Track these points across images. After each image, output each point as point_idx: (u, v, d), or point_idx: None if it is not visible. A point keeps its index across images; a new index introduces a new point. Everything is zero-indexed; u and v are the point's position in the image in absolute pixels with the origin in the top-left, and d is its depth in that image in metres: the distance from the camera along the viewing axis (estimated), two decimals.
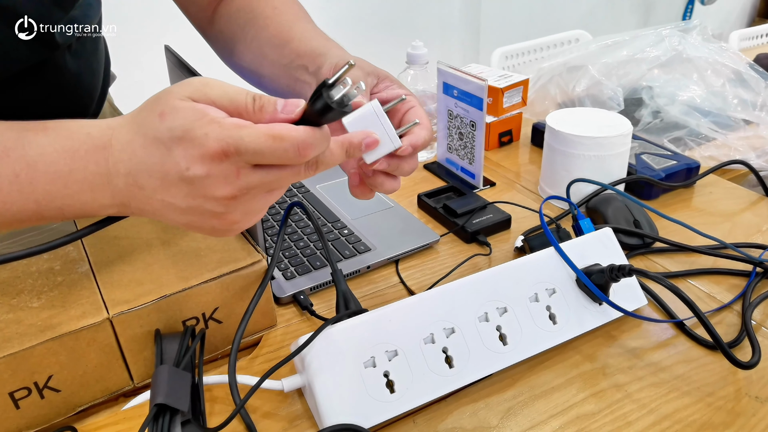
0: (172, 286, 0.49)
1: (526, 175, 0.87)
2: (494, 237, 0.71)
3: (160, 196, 0.39)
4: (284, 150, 0.37)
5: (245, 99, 0.38)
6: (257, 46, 0.61)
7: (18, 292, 0.49)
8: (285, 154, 0.37)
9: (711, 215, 0.75)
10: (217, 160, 0.36)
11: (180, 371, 0.44)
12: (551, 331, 0.53)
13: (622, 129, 0.73)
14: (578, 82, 0.99)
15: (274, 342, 0.56)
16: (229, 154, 0.36)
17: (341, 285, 0.52)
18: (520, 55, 1.66)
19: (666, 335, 0.56)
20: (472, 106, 0.79)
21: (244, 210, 0.40)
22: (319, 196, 0.80)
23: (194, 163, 0.37)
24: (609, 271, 0.53)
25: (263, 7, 0.63)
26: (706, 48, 1.01)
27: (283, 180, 0.39)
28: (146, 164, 0.38)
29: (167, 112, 0.37)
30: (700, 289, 0.62)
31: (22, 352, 0.43)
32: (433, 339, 0.48)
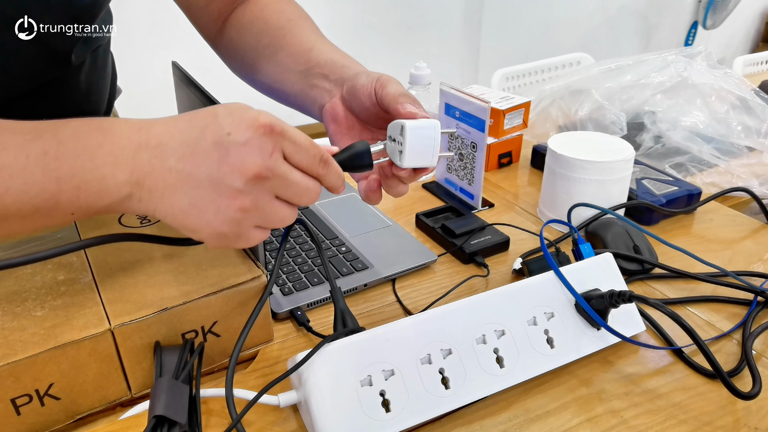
0: (173, 299, 0.49)
1: (525, 197, 0.87)
2: (492, 258, 0.71)
3: (182, 164, 0.40)
4: (314, 155, 0.42)
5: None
6: (272, 53, 0.62)
7: (22, 300, 0.50)
8: (313, 160, 0.42)
9: (711, 242, 0.76)
10: (261, 131, 0.40)
11: (179, 384, 0.45)
12: (548, 354, 0.53)
13: (625, 154, 0.74)
14: (581, 106, 1.00)
15: (270, 357, 0.56)
16: (274, 131, 0.40)
17: (339, 303, 0.53)
18: (520, 77, 1.68)
19: (664, 362, 0.56)
20: (474, 128, 0.80)
21: (255, 199, 0.40)
22: (318, 213, 0.80)
23: (239, 129, 0.39)
24: (609, 296, 0.53)
25: (278, 18, 0.65)
26: (712, 74, 1.02)
27: (299, 188, 0.42)
28: (184, 132, 0.41)
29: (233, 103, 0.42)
30: (699, 317, 0.62)
31: (25, 360, 0.44)
32: (429, 359, 0.49)
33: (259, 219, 0.42)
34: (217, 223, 0.41)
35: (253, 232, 0.43)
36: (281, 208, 0.42)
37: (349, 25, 2.42)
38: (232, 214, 0.40)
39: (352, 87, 0.54)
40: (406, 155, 0.49)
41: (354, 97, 0.54)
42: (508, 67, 1.61)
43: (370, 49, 2.47)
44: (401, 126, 0.49)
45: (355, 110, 0.55)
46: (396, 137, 0.49)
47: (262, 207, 0.41)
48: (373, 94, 0.52)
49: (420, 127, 0.49)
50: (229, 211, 0.40)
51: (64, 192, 0.41)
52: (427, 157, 0.49)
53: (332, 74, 0.57)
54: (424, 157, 0.49)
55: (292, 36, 0.62)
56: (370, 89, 0.52)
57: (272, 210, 0.42)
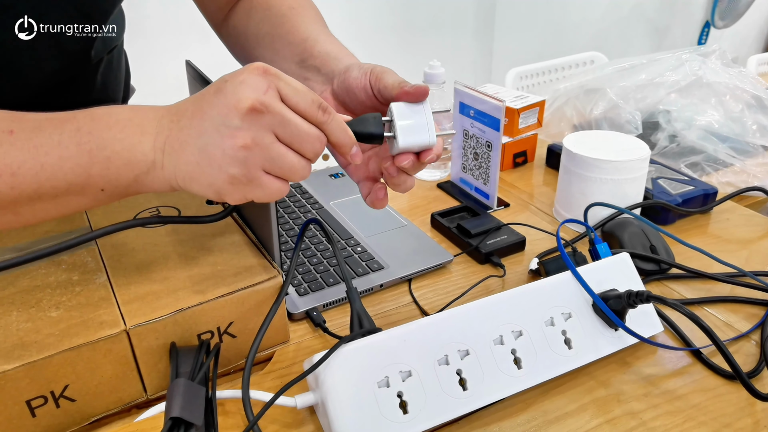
0: (188, 300, 0.49)
1: (540, 197, 0.87)
2: (508, 258, 0.71)
3: (192, 121, 0.42)
4: (312, 100, 0.42)
5: None
6: (270, 42, 0.62)
7: (37, 301, 0.49)
8: (311, 104, 0.42)
9: (728, 242, 0.75)
10: (257, 73, 0.41)
11: (195, 385, 0.44)
12: (566, 355, 0.52)
13: (640, 153, 0.73)
14: (596, 105, 0.99)
15: (286, 358, 0.56)
16: (269, 72, 0.42)
17: (356, 303, 0.52)
18: (534, 76, 1.67)
19: (682, 363, 0.55)
20: (489, 127, 0.79)
21: (255, 135, 0.41)
22: (333, 213, 0.80)
23: (236, 75, 0.42)
24: (627, 297, 0.53)
25: (280, 5, 0.64)
26: (726, 73, 1.01)
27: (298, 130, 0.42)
28: (196, 97, 0.43)
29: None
30: (717, 317, 0.61)
31: (41, 361, 0.44)
32: (447, 360, 0.48)
33: (264, 160, 0.42)
34: (226, 166, 0.41)
35: (266, 179, 0.43)
36: (286, 152, 0.42)
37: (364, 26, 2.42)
38: (235, 153, 0.41)
39: (344, 81, 0.52)
40: (399, 135, 0.47)
41: (348, 92, 0.52)
42: (522, 66, 1.60)
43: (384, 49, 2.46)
44: (389, 108, 0.47)
45: (350, 105, 0.53)
46: (388, 123, 0.48)
47: (265, 146, 0.41)
48: (369, 87, 0.51)
49: (407, 104, 0.47)
50: (232, 150, 0.41)
51: (96, 164, 0.43)
52: (422, 134, 0.47)
53: (324, 67, 0.56)
54: (419, 134, 0.47)
55: (291, 24, 0.61)
56: (364, 82, 0.51)
57: (277, 152, 0.42)
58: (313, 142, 0.43)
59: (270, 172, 0.43)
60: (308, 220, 0.57)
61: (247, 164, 0.41)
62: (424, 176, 0.93)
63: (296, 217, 0.79)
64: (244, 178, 0.42)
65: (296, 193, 0.86)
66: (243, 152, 0.41)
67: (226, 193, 0.43)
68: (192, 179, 0.43)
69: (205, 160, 0.42)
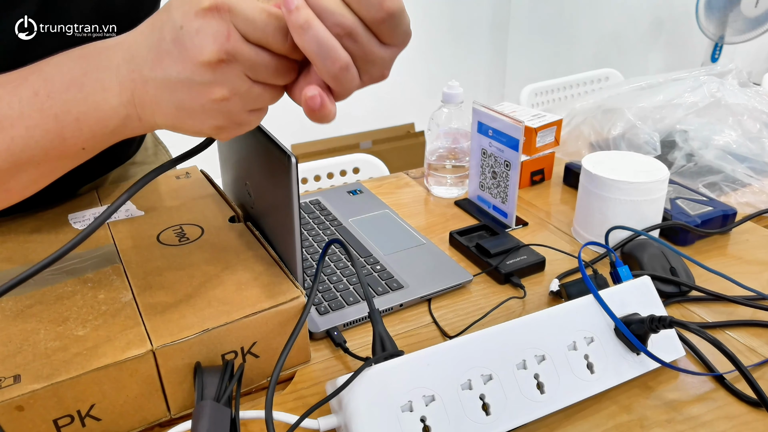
0: (214, 320, 0.50)
1: (559, 215, 0.87)
2: (528, 279, 0.71)
3: (154, 73, 0.39)
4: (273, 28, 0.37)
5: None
6: None
7: (64, 319, 0.50)
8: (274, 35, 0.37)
9: (748, 264, 0.74)
10: (209, 15, 0.36)
11: (221, 407, 0.45)
12: (588, 380, 0.52)
13: (659, 175, 0.73)
14: (614, 125, 0.99)
15: (308, 378, 0.56)
16: (222, 10, 0.36)
17: (378, 325, 0.52)
18: (549, 92, 1.68)
19: (705, 388, 0.55)
20: (507, 146, 0.80)
21: (231, 86, 0.38)
22: (352, 230, 0.80)
23: (188, 20, 0.37)
24: (649, 322, 0.52)
25: None
26: (744, 94, 1.01)
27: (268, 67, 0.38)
28: (148, 38, 0.39)
29: None
30: (738, 341, 0.61)
31: (69, 381, 0.44)
32: (470, 385, 0.48)
33: (246, 104, 0.40)
34: (211, 120, 0.40)
35: (251, 116, 0.41)
36: (264, 89, 0.40)
37: None
38: (217, 107, 0.39)
39: None
40: None
41: None
42: (537, 83, 1.61)
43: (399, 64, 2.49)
44: None
45: None
46: None
47: (243, 92, 0.39)
48: None
49: None
50: (213, 105, 0.39)
51: (66, 127, 0.42)
52: None
53: None
54: None
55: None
56: None
57: (256, 93, 0.40)
58: (285, 74, 0.40)
59: (253, 110, 0.41)
60: (330, 240, 0.57)
61: (230, 113, 0.40)
62: (442, 193, 0.93)
63: (315, 234, 0.80)
64: (230, 124, 0.41)
65: (315, 210, 0.86)
66: (223, 104, 0.39)
67: (215, 136, 0.42)
68: (176, 128, 0.42)
69: (185, 113, 0.40)
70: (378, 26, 0.38)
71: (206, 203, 0.69)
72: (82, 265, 0.58)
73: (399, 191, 0.95)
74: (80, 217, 0.67)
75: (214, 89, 0.38)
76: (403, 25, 0.38)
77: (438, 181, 0.93)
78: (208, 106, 0.39)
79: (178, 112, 0.40)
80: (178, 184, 0.74)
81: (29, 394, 0.43)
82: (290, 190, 0.51)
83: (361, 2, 0.37)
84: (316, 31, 0.36)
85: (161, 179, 0.75)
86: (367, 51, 0.38)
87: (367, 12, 0.37)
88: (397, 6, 0.37)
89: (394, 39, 0.39)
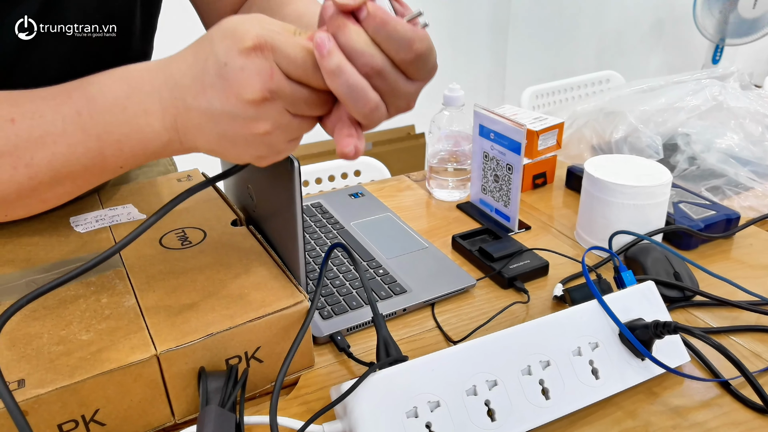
0: (218, 325, 0.49)
1: (561, 219, 0.87)
2: (531, 283, 0.71)
3: (198, 102, 0.40)
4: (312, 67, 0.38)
5: (293, 27, 0.40)
6: None
7: (67, 323, 0.50)
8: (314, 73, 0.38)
9: (752, 268, 0.74)
10: (253, 54, 0.38)
11: (225, 412, 0.44)
12: (593, 386, 0.52)
13: (662, 179, 0.73)
14: (616, 128, 0.99)
15: (312, 383, 0.56)
16: (264, 49, 0.38)
17: (382, 331, 0.52)
18: (550, 95, 1.68)
19: (710, 394, 0.55)
20: (509, 149, 0.80)
21: (274, 121, 0.40)
22: (354, 233, 0.80)
23: (232, 57, 0.38)
24: (654, 327, 0.52)
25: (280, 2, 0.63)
26: (746, 97, 1.01)
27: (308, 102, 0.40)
28: (192, 68, 0.40)
29: (225, 20, 0.40)
30: (743, 347, 0.61)
31: (73, 386, 0.44)
32: (475, 391, 0.48)
33: (286, 135, 0.42)
34: (252, 150, 0.42)
35: (289, 145, 0.43)
36: (302, 121, 0.42)
37: None
38: (259, 140, 0.41)
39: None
40: None
41: None
42: (538, 85, 1.61)
43: None
44: None
45: None
46: None
47: (284, 125, 0.41)
48: None
49: None
50: (256, 138, 0.41)
51: (107, 147, 0.43)
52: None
53: None
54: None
55: (290, 8, 0.60)
56: None
57: (295, 125, 0.41)
58: (323, 106, 0.42)
59: (291, 139, 0.43)
60: (333, 244, 0.57)
61: (272, 144, 0.42)
62: (444, 197, 0.93)
63: (317, 237, 0.80)
64: (270, 153, 0.42)
65: (317, 213, 0.86)
66: (266, 137, 0.41)
67: (255, 163, 0.44)
68: (217, 154, 0.43)
69: (228, 143, 0.41)
70: (406, 66, 0.39)
71: (208, 206, 0.68)
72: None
73: (400, 194, 0.95)
74: (82, 220, 0.67)
75: (257, 124, 0.40)
76: (431, 62, 0.40)
77: (440, 184, 0.93)
78: (250, 138, 0.41)
79: (220, 140, 0.41)
80: (179, 187, 0.74)
81: (34, 398, 0.43)
82: (293, 194, 0.51)
83: (391, 43, 0.38)
84: (347, 76, 0.38)
85: (163, 182, 0.75)
86: (394, 88, 0.39)
87: (397, 53, 0.38)
88: (426, 47, 0.39)
89: (422, 75, 0.40)
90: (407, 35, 0.38)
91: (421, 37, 0.38)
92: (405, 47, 0.38)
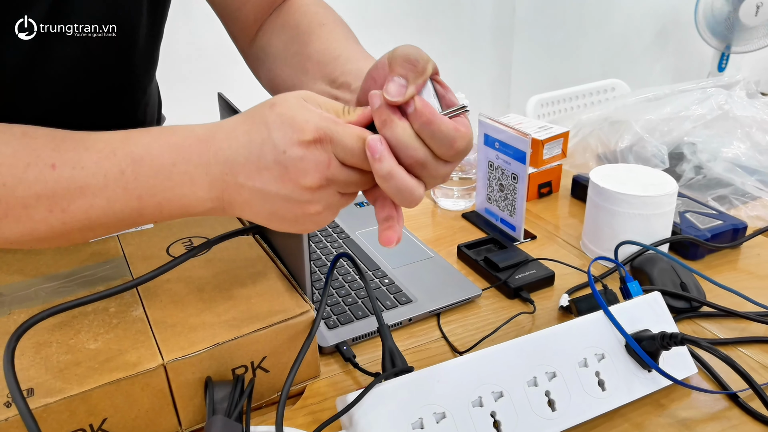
0: (224, 334, 0.50)
1: (567, 228, 0.87)
2: (537, 293, 0.71)
3: (251, 182, 0.42)
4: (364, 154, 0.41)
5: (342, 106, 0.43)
6: (299, 62, 0.61)
7: (75, 332, 0.50)
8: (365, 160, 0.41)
9: (760, 278, 0.74)
10: (313, 146, 0.40)
11: (232, 422, 0.45)
12: (600, 397, 0.52)
13: (668, 188, 0.73)
14: (621, 138, 0.99)
15: (318, 393, 0.56)
16: (324, 142, 0.40)
17: (388, 341, 0.52)
18: (555, 103, 1.68)
19: (718, 407, 0.54)
20: (514, 159, 0.80)
21: (326, 203, 0.43)
22: (359, 243, 0.80)
23: (292, 146, 0.40)
24: (660, 338, 0.52)
25: (309, 22, 0.63)
26: (753, 106, 1.01)
27: (357, 185, 0.43)
28: (246, 148, 0.42)
29: (279, 103, 0.42)
30: (751, 358, 0.60)
31: (81, 395, 0.44)
32: (481, 402, 0.48)
33: (335, 212, 0.45)
34: (299, 226, 0.44)
35: (332, 216, 0.45)
36: (350, 198, 0.45)
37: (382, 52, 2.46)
38: (310, 218, 0.43)
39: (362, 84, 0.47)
40: None
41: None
42: (543, 94, 1.61)
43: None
44: None
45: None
46: None
47: (333, 205, 0.43)
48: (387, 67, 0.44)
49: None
50: (306, 217, 0.43)
51: (147, 207, 0.44)
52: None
53: (355, 83, 0.52)
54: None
55: (320, 43, 0.60)
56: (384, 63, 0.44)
57: (342, 203, 0.44)
58: (370, 184, 0.44)
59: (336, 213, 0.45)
60: (339, 254, 0.57)
61: (320, 221, 0.44)
62: (449, 206, 0.93)
63: (323, 246, 0.80)
64: (316, 227, 0.45)
65: None
66: (316, 216, 0.43)
67: (300, 233, 0.48)
68: (263, 224, 0.45)
69: (277, 219, 0.44)
70: (446, 158, 0.42)
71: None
72: (92, 278, 0.58)
73: None
74: None
75: (310, 206, 0.42)
76: (468, 150, 0.43)
77: (445, 194, 0.93)
78: (301, 218, 0.43)
79: (270, 216, 0.44)
80: None
81: (42, 407, 0.43)
82: None
83: (434, 140, 0.41)
84: (396, 181, 0.41)
85: None
86: (433, 173, 0.43)
87: (439, 149, 0.41)
88: (466, 144, 0.42)
89: (457, 161, 0.44)
90: (450, 135, 0.41)
91: (462, 135, 0.41)
92: (447, 145, 0.41)
